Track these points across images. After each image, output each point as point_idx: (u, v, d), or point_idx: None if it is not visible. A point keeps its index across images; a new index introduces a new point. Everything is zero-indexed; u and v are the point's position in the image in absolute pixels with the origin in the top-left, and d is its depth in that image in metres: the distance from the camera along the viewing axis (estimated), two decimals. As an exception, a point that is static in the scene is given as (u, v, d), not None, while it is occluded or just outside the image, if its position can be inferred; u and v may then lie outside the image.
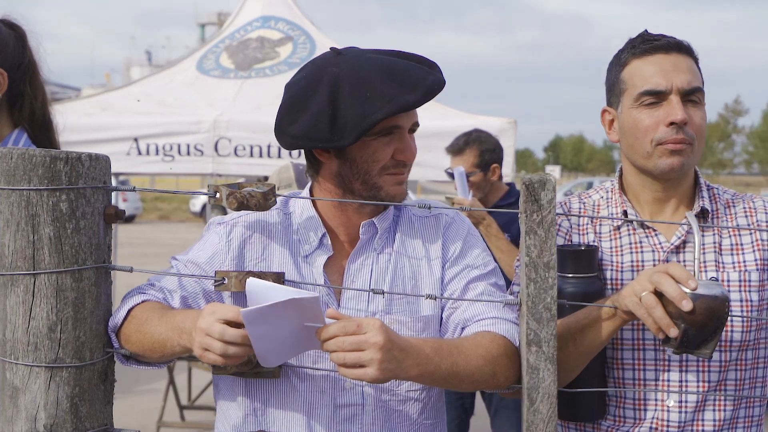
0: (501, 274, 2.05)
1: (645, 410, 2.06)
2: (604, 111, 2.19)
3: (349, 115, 1.84)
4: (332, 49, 1.99)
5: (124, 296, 1.98)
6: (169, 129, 6.20)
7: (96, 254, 1.87)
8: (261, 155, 6.18)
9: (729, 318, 1.82)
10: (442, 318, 1.99)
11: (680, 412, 2.04)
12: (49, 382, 1.82)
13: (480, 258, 2.02)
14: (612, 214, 2.16)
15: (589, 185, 33.88)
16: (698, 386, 2.04)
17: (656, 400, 2.05)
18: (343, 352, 1.67)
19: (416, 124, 1.98)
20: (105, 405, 1.92)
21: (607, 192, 2.20)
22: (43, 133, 2.44)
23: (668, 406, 2.04)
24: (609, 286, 2.09)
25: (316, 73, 1.93)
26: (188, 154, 6.19)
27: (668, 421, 2.04)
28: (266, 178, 8.54)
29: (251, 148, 6.18)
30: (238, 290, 1.89)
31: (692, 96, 2.05)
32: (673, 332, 1.76)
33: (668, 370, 2.05)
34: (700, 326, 1.74)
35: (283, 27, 7.30)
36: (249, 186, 1.89)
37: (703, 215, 2.10)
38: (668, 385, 2.05)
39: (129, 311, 1.91)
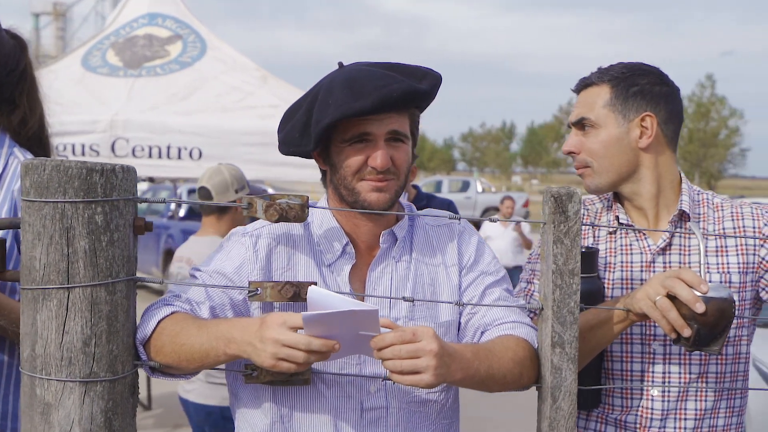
0: (510, 280, 2.16)
1: (632, 399, 2.24)
2: None
3: (313, 123, 1.96)
4: (339, 63, 2.08)
5: (148, 308, 1.96)
6: (63, 128, 5.95)
7: (127, 267, 1.85)
8: (160, 156, 6.04)
9: None
10: (460, 323, 2.09)
11: (663, 401, 2.22)
12: (84, 397, 1.79)
13: (492, 265, 2.12)
14: (609, 220, 2.34)
15: (438, 184, 34.86)
16: (680, 378, 2.22)
17: (642, 389, 2.23)
18: (400, 360, 1.73)
19: (396, 133, 1.99)
20: (132, 418, 1.91)
21: (608, 201, 2.37)
22: (39, 148, 2.39)
23: (652, 396, 2.23)
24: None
25: (314, 86, 2.05)
26: (83, 154, 5.97)
27: (652, 409, 2.22)
28: (152, 180, 8.38)
29: (150, 148, 6.04)
30: (274, 300, 1.91)
31: (583, 124, 2.30)
32: (687, 332, 1.93)
33: (653, 363, 2.23)
34: (711, 326, 1.92)
35: (171, 25, 7.15)
36: (281, 197, 1.92)
37: (682, 218, 2.28)
38: (653, 377, 2.23)
39: (158, 323, 1.91)
